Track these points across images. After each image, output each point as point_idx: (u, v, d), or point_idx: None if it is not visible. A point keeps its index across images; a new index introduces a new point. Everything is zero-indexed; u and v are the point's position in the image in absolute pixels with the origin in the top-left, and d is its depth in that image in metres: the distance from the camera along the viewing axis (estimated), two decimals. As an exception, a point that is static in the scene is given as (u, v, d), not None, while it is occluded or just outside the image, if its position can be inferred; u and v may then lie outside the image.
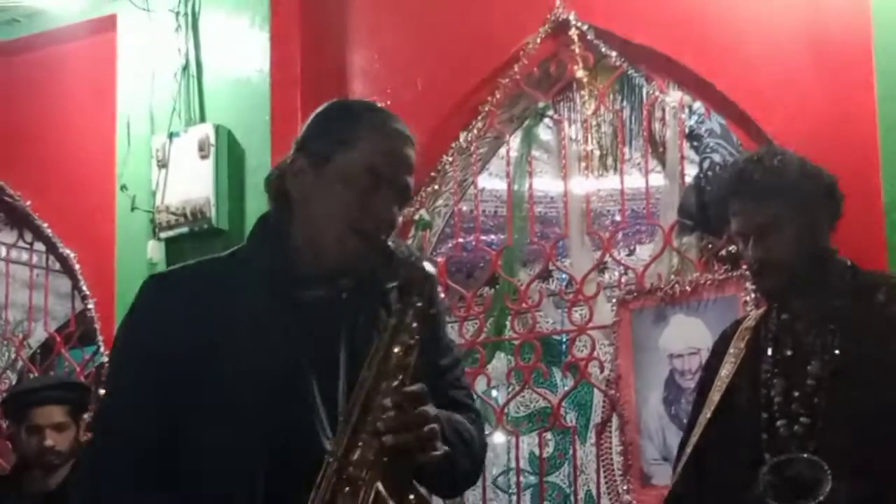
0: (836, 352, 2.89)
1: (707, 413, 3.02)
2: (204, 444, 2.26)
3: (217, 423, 2.25)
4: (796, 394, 2.90)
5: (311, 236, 2.33)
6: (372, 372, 2.22)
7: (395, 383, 2.21)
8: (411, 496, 2.22)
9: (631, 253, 7.09)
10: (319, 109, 2.43)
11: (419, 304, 2.26)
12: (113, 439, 2.31)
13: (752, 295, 4.09)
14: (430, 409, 2.22)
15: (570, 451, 5.47)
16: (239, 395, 2.25)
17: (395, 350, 2.23)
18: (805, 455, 2.84)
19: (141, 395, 2.29)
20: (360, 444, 2.18)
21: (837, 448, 2.82)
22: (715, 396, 3.03)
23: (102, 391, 2.56)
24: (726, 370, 3.04)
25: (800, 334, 2.96)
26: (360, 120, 2.34)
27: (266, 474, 2.23)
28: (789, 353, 2.96)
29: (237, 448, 2.24)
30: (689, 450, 3.04)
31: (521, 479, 6.55)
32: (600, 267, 5.20)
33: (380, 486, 2.15)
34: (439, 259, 5.32)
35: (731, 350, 3.06)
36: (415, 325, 2.25)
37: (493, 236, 6.81)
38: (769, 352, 2.98)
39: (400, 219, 2.36)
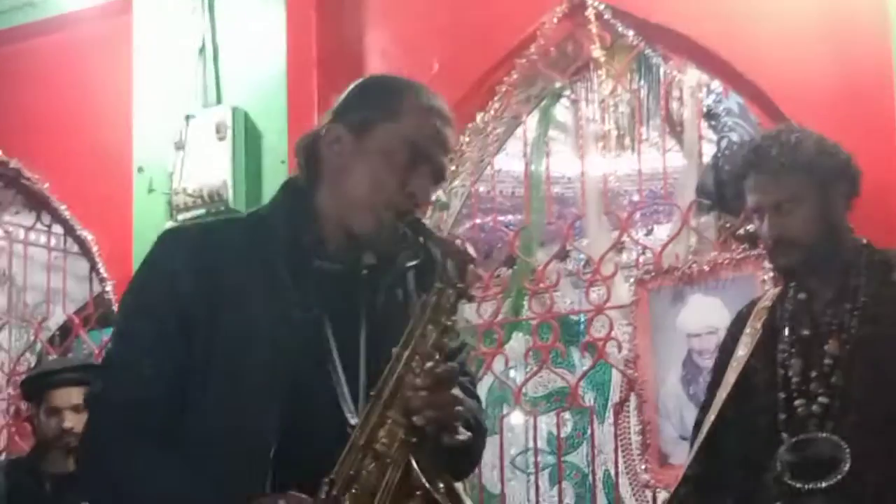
0: (853, 331, 2.88)
1: (723, 394, 3.02)
2: (215, 404, 2.21)
3: (230, 383, 2.21)
4: (814, 373, 2.89)
5: (342, 206, 2.28)
6: (408, 350, 2.19)
7: (430, 364, 2.18)
8: (440, 482, 2.20)
9: (649, 233, 7.06)
10: (359, 82, 2.38)
11: (460, 286, 2.22)
12: (119, 391, 2.25)
13: (770, 274, 4.08)
14: (459, 393, 2.22)
15: (589, 431, 5.45)
16: (254, 357, 2.21)
17: (432, 329, 2.21)
18: (824, 434, 2.83)
19: (150, 349, 2.23)
20: (388, 420, 2.16)
21: (856, 427, 2.81)
22: (731, 377, 3.02)
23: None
24: (743, 350, 3.03)
25: (817, 314, 2.95)
26: (405, 94, 2.30)
27: (281, 439, 2.19)
28: (806, 332, 2.95)
29: (251, 411, 2.20)
30: (705, 430, 3.03)
31: (540, 458, 6.58)
32: (618, 247, 5.19)
33: (415, 464, 2.14)
34: (457, 240, 5.31)
35: (747, 330, 3.06)
36: (454, 306, 2.22)
37: (510, 217, 6.79)
38: (786, 331, 2.98)
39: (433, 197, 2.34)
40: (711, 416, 3.03)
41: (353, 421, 2.20)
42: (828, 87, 4.09)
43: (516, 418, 6.87)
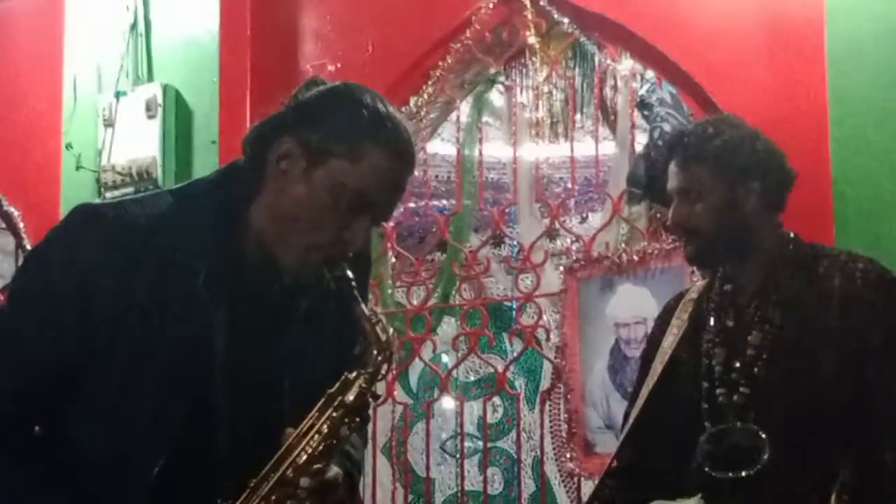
0: (777, 323, 2.89)
1: (649, 384, 3.03)
2: (100, 414, 2.09)
3: (119, 395, 2.09)
4: (737, 364, 2.90)
5: (271, 228, 2.14)
6: (299, 443, 2.10)
7: (317, 466, 2.10)
8: None
9: (584, 220, 7.07)
10: (329, 91, 2.19)
11: (364, 384, 2.13)
12: None
13: (699, 265, 4.09)
14: (342, 495, 2.15)
15: (519, 417, 5.45)
16: (150, 372, 2.09)
17: (329, 425, 2.11)
18: (743, 424, 2.84)
19: (35, 338, 2.09)
20: None
21: (775, 418, 2.82)
22: (657, 367, 3.03)
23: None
24: (669, 341, 3.04)
25: (741, 305, 2.96)
26: (371, 129, 2.11)
27: (157, 473, 2.08)
28: (731, 323, 2.96)
29: (137, 430, 2.09)
30: (630, 420, 3.04)
31: (470, 444, 6.59)
32: (552, 234, 5.18)
33: None
34: (390, 224, 5.29)
35: (674, 322, 3.07)
36: (357, 405, 2.12)
37: (445, 202, 6.78)
38: (711, 322, 2.98)
39: None
40: (637, 407, 3.04)
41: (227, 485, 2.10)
42: (761, 79, 4.09)
43: (447, 403, 6.87)
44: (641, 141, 4.83)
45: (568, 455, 4.55)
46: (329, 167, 2.11)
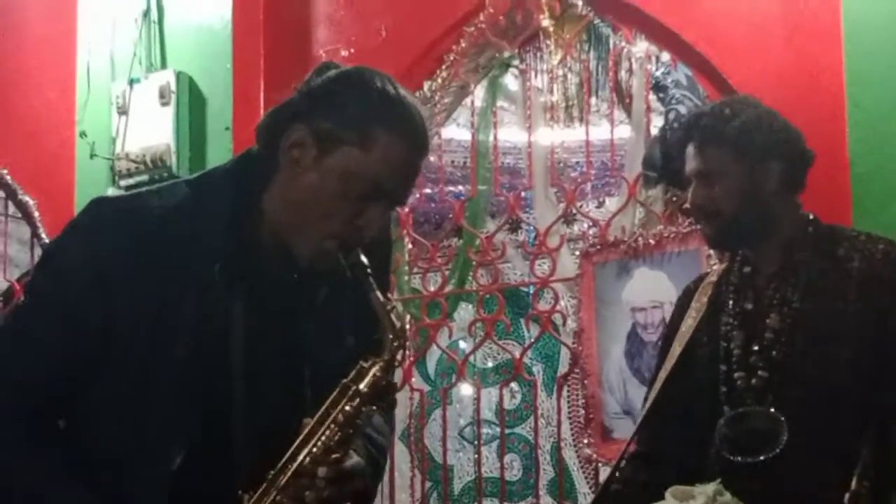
0: (796, 305, 2.87)
1: (668, 367, 3.01)
2: (118, 407, 2.09)
3: (137, 388, 2.08)
4: (755, 347, 2.88)
5: (285, 217, 2.13)
6: (315, 433, 2.09)
7: (335, 456, 2.09)
8: None
9: (600, 205, 7.04)
10: (341, 76, 2.16)
11: (379, 372, 2.11)
12: (12, 365, 2.11)
13: (716, 248, 4.06)
14: (361, 481, 2.13)
15: (535, 404, 5.44)
16: (169, 366, 2.08)
17: (345, 415, 2.09)
18: (761, 408, 2.82)
19: (55, 327, 2.09)
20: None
21: (794, 401, 2.81)
22: (676, 350, 3.02)
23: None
24: (687, 325, 3.02)
25: (760, 287, 2.94)
26: (382, 115, 2.09)
27: (178, 465, 2.08)
28: (749, 306, 2.94)
29: (155, 423, 2.08)
30: (648, 404, 3.02)
31: (488, 430, 6.57)
32: (568, 219, 5.16)
33: None
34: (405, 210, 5.28)
35: (693, 305, 3.05)
36: (371, 393, 2.11)
37: (461, 187, 6.76)
38: (730, 305, 2.97)
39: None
40: (655, 391, 3.02)
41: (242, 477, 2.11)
42: (777, 61, 4.06)
43: (466, 389, 6.86)
44: (657, 124, 4.81)
45: (585, 441, 4.53)
46: (340, 155, 2.08)
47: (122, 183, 5.03)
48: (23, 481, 2.10)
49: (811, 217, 2.99)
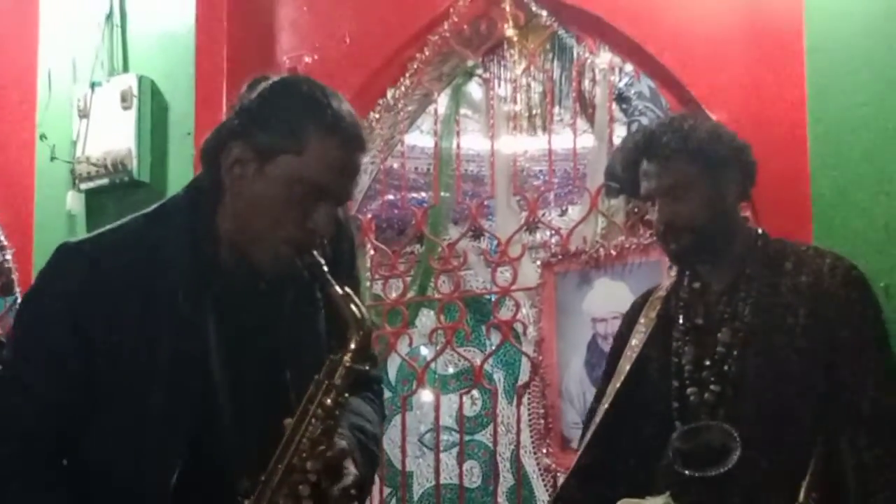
0: (747, 320, 2.88)
1: (617, 383, 3.02)
2: (111, 436, 2.18)
3: (125, 419, 2.18)
4: (707, 362, 2.89)
5: (238, 231, 2.23)
6: (298, 431, 2.17)
7: (321, 447, 2.16)
8: None
9: (563, 213, 7.05)
10: (268, 89, 2.25)
11: (349, 363, 2.19)
12: (10, 418, 2.20)
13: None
14: (350, 467, 2.20)
15: (495, 411, 5.44)
16: (151, 391, 2.17)
17: (323, 409, 2.17)
18: (714, 423, 2.83)
19: (46, 373, 2.19)
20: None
21: (746, 416, 2.82)
22: (625, 366, 3.02)
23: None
24: (637, 339, 3.03)
25: (710, 303, 2.95)
26: (312, 118, 2.19)
27: (175, 483, 2.16)
28: (700, 321, 2.95)
29: (147, 447, 2.17)
30: (598, 419, 3.02)
31: (449, 437, 6.57)
32: (530, 227, 5.16)
33: None
34: (367, 216, 5.27)
35: (641, 320, 3.06)
36: (345, 383, 2.19)
37: (423, 194, 6.77)
38: (680, 320, 2.97)
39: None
40: (605, 405, 3.03)
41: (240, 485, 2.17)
42: (740, 74, 4.08)
43: (426, 396, 6.86)
44: (620, 134, 4.81)
45: (545, 450, 4.54)
46: (279, 163, 2.18)
47: (83, 186, 5.01)
48: None
49: (760, 231, 3.01)
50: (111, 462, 2.18)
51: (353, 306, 2.20)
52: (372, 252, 5.29)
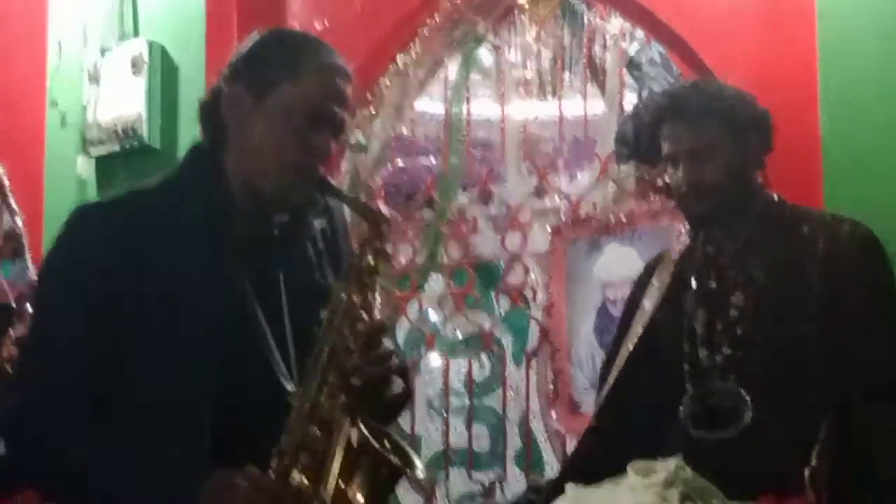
0: (760, 284, 2.89)
1: (630, 345, 3.02)
2: (148, 378, 2.22)
3: (162, 358, 2.22)
4: (719, 325, 2.90)
5: (248, 169, 2.30)
6: (335, 314, 2.22)
7: (359, 325, 2.21)
8: (385, 440, 2.23)
9: (573, 179, 7.03)
10: (257, 38, 2.36)
11: (377, 245, 2.26)
12: (45, 374, 2.24)
13: (687, 226, 4.07)
14: (389, 341, 2.26)
15: (503, 376, 5.46)
16: (183, 330, 2.22)
17: (356, 290, 2.24)
18: (726, 385, 2.85)
19: (77, 330, 2.23)
20: (327, 385, 2.19)
21: (758, 379, 2.83)
22: (638, 328, 3.03)
23: (31, 310, 2.50)
24: (649, 303, 3.04)
25: (724, 266, 2.96)
26: (303, 53, 2.31)
27: (217, 410, 2.20)
28: (713, 284, 2.96)
29: (183, 383, 2.20)
30: (611, 380, 3.04)
31: (457, 401, 6.57)
32: (539, 193, 5.16)
33: (362, 427, 2.17)
34: (378, 182, 5.28)
35: (654, 283, 3.06)
36: (373, 266, 2.26)
37: (433, 160, 6.75)
38: (693, 283, 2.98)
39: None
40: (618, 368, 3.04)
41: (290, 387, 2.24)
42: (751, 40, 4.06)
43: (435, 360, 6.86)
44: (630, 100, 4.81)
45: (553, 415, 4.56)
46: (276, 95, 2.27)
47: (93, 152, 5.01)
48: (104, 468, 2.21)
49: (776, 197, 3.01)
50: (146, 402, 2.22)
51: (368, 203, 2.37)
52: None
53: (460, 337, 7.50)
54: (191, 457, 2.18)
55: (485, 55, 5.31)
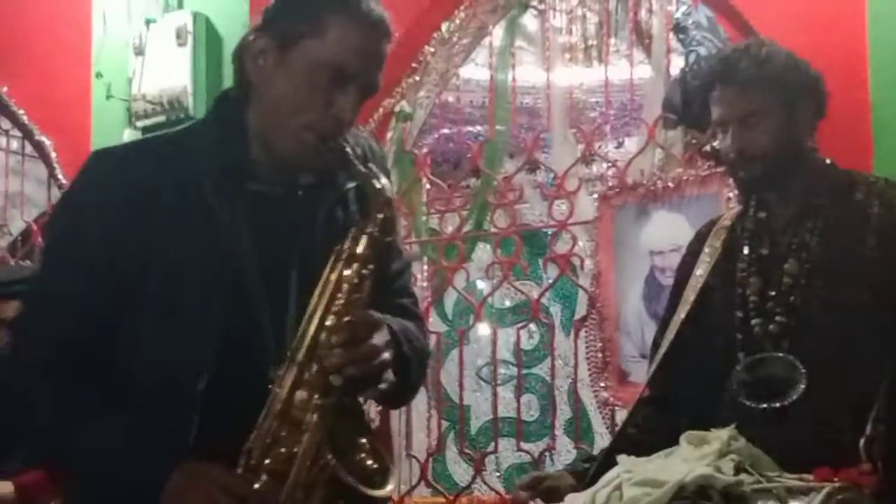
0: (814, 251, 2.85)
1: (682, 313, 2.99)
2: (143, 340, 2.17)
3: (157, 320, 2.16)
4: (772, 293, 2.86)
5: (265, 124, 2.21)
6: (321, 303, 2.13)
7: (346, 318, 2.12)
8: (362, 439, 2.17)
9: (620, 145, 7.01)
10: None
11: (374, 233, 2.16)
12: (42, 324, 2.20)
13: (735, 192, 4.03)
14: (381, 336, 2.14)
15: (552, 345, 5.45)
16: (182, 293, 2.16)
17: (347, 280, 2.14)
18: (779, 354, 2.81)
19: (78, 280, 2.18)
20: (305, 382, 2.11)
21: (811, 347, 2.79)
22: (690, 296, 2.99)
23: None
24: (701, 270, 3.00)
25: (776, 233, 2.92)
26: (332, 4, 2.17)
27: (207, 381, 2.14)
28: (765, 251, 2.91)
29: (178, 349, 2.15)
30: (663, 349, 3.01)
31: (505, 370, 6.58)
32: (586, 160, 5.13)
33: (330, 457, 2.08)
34: (423, 150, 5.26)
35: (706, 250, 3.02)
36: (369, 253, 2.15)
37: (479, 127, 6.74)
38: (745, 250, 2.94)
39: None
40: (670, 336, 3.01)
41: (272, 372, 2.14)
42: (799, 3, 4.02)
43: (483, 329, 6.87)
44: (677, 65, 4.77)
45: (602, 384, 4.54)
46: (300, 48, 2.16)
47: (139, 124, 5.03)
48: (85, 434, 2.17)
49: (828, 162, 2.96)
50: (142, 365, 2.17)
51: (374, 181, 2.17)
52: (428, 187, 5.29)
53: (508, 305, 7.53)
54: (169, 439, 2.12)
55: (529, 21, 5.28)
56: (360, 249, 2.15)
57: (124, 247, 2.16)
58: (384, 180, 2.19)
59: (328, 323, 2.12)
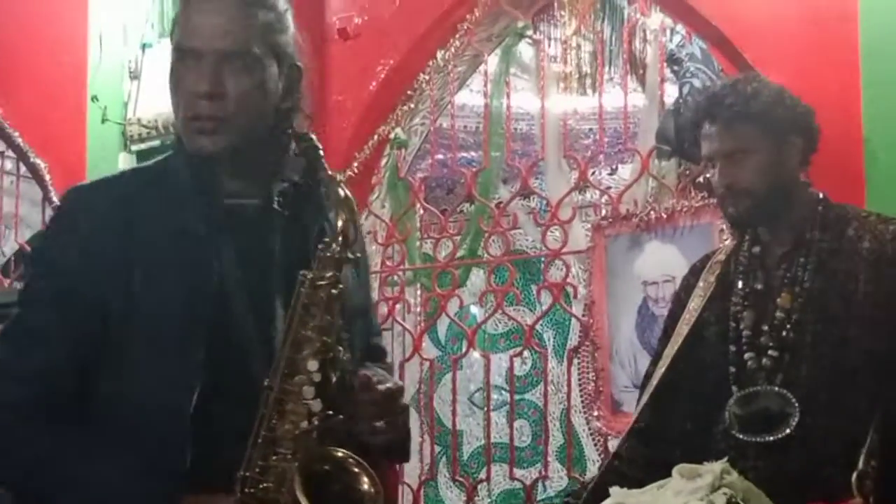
0: (807, 285, 2.86)
1: (675, 346, 3.00)
2: (128, 368, 2.14)
3: (143, 347, 2.13)
4: (765, 327, 2.88)
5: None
6: (293, 327, 2.11)
7: (386, 387, 2.15)
8: (350, 459, 2.14)
9: (613, 172, 7.02)
10: None
11: (339, 252, 2.12)
12: (18, 364, 2.15)
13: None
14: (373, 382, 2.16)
15: (545, 371, 5.46)
16: (166, 317, 2.13)
17: (316, 304, 2.12)
18: (772, 388, 2.82)
19: (48, 316, 2.15)
20: (287, 410, 2.10)
21: (805, 381, 2.81)
22: (683, 329, 3.01)
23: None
24: (695, 303, 3.01)
25: (770, 267, 2.94)
26: (182, 4, 2.21)
27: (194, 408, 2.11)
28: (759, 286, 2.93)
29: (165, 373, 2.12)
30: (654, 382, 3.02)
31: (498, 396, 6.58)
32: (580, 188, 5.14)
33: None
34: (418, 176, 5.27)
35: (700, 284, 3.04)
36: (335, 274, 2.12)
37: (473, 153, 6.75)
38: (739, 284, 2.96)
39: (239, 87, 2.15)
40: (662, 369, 3.02)
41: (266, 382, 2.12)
42: (792, 36, 4.04)
43: (476, 355, 6.87)
44: (671, 94, 4.79)
45: (595, 413, 4.54)
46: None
47: (134, 147, 5.05)
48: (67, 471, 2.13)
49: (821, 196, 2.98)
50: (129, 391, 2.14)
51: (339, 189, 2.15)
52: (421, 212, 5.30)
53: (501, 331, 7.53)
54: (161, 476, 2.10)
55: (525, 49, 5.30)
56: (326, 272, 2.12)
57: (101, 277, 2.13)
58: (348, 191, 2.16)
59: (304, 352, 2.11)
